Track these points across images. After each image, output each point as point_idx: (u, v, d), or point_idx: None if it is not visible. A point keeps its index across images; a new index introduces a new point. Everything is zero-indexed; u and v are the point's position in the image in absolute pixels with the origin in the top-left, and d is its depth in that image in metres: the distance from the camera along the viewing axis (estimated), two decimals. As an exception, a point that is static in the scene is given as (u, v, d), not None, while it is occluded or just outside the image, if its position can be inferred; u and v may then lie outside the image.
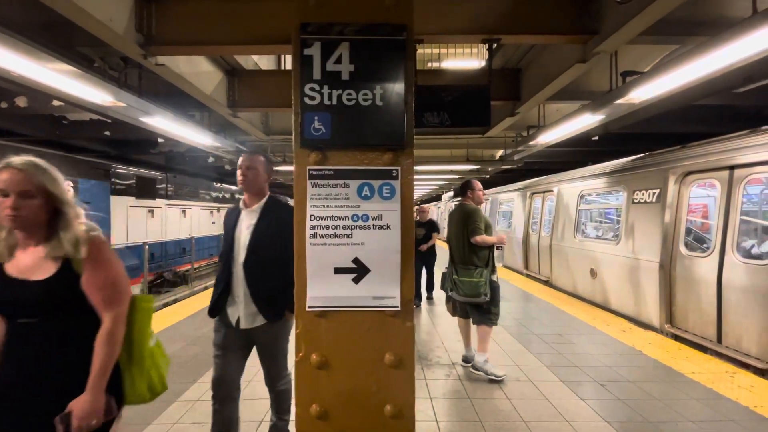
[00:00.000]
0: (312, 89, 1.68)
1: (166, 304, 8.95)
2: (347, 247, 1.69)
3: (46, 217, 1.34)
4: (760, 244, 5.02)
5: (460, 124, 3.25)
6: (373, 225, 1.69)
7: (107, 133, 7.57)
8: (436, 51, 7.83)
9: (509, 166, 10.26)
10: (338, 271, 1.70)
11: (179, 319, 5.31)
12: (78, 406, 1.27)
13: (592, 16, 3.45)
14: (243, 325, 2.14)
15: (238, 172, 2.21)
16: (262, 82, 5.38)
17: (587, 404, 3.06)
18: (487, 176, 12.32)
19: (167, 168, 11.96)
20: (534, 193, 9.95)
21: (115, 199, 8.93)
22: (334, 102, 1.68)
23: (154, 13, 3.46)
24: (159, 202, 11.36)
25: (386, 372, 1.72)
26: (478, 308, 3.59)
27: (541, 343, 4.46)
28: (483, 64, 6.61)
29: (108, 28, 3.04)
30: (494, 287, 3.55)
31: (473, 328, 3.74)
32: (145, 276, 9.43)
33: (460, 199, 3.95)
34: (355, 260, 1.69)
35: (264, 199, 2.24)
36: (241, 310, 2.14)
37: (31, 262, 1.33)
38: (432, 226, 6.65)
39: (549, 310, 5.99)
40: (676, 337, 4.86)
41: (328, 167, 1.71)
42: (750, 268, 4.15)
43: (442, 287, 3.95)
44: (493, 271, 3.62)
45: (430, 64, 7.79)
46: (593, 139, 7.60)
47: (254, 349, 2.26)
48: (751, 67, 3.90)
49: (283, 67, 5.90)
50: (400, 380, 1.73)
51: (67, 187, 1.40)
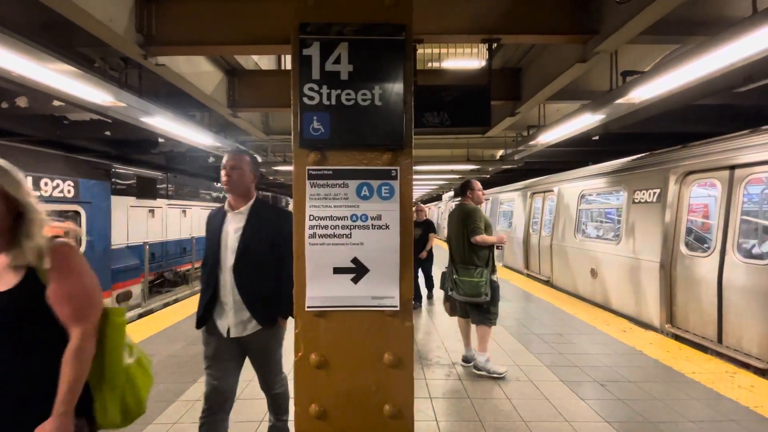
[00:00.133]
0: (311, 89, 1.67)
1: (167, 304, 9.01)
2: (346, 247, 1.69)
3: (7, 224, 1.21)
4: (761, 244, 5.01)
5: (460, 124, 3.26)
6: (372, 225, 1.69)
7: (108, 133, 7.57)
8: (436, 51, 7.84)
9: (509, 166, 10.25)
10: (337, 271, 1.69)
11: (179, 319, 5.32)
12: None
13: (592, 16, 3.45)
14: (233, 334, 2.03)
15: (222, 173, 2.06)
16: (262, 82, 5.38)
17: (587, 404, 3.06)
18: (488, 176, 12.32)
19: (168, 168, 11.96)
20: (534, 193, 9.94)
21: (115, 199, 8.93)
22: (333, 102, 1.68)
23: (154, 13, 3.47)
24: (159, 202, 11.36)
25: (385, 372, 1.72)
26: (477, 308, 3.60)
27: (542, 343, 4.46)
28: (483, 64, 6.61)
29: (108, 28, 3.05)
30: (494, 287, 3.56)
31: (473, 328, 3.74)
32: (146, 275, 9.48)
33: (460, 198, 3.96)
34: (354, 260, 1.69)
35: (251, 201, 2.12)
36: (231, 318, 2.03)
37: None
38: (429, 227, 6.42)
39: (549, 310, 5.98)
40: (677, 337, 4.85)
41: (327, 167, 1.71)
42: (751, 268, 4.14)
43: (442, 287, 3.96)
44: (494, 270, 3.63)
45: (430, 64, 7.81)
46: (593, 138, 7.58)
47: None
48: (751, 66, 3.89)
49: (283, 67, 5.90)
50: (399, 380, 1.73)
51: (30, 190, 1.27)
